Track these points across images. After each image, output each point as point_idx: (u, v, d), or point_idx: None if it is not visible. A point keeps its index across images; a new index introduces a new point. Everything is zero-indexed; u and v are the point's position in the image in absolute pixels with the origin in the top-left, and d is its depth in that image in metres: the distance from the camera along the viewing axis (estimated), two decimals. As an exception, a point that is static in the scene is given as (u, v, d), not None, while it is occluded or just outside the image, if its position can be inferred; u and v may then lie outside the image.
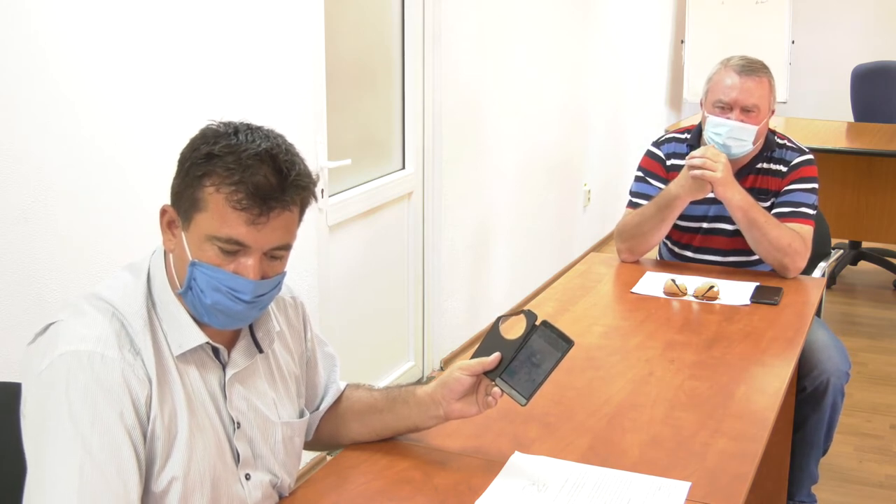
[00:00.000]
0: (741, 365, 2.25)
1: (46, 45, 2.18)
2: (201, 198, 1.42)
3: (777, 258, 2.77)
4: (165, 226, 1.49)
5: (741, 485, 1.69)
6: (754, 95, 2.78)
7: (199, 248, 1.44)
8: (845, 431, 3.46)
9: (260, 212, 1.41)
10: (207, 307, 1.46)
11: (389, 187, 3.75)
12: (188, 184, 1.43)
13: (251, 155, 1.41)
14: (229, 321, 1.49)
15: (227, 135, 1.44)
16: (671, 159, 2.96)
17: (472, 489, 1.65)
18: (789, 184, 2.85)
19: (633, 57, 6.57)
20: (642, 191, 2.95)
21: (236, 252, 1.44)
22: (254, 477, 1.58)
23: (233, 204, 1.40)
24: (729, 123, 2.77)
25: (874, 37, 7.50)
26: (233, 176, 1.40)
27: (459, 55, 4.08)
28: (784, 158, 2.88)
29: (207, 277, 1.44)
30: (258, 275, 1.45)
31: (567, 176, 5.54)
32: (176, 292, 1.49)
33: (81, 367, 1.38)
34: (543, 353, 1.65)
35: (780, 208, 2.83)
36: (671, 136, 3.02)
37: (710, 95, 2.84)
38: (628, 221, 2.92)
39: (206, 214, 1.42)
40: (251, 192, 1.40)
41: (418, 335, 4.09)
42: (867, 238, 5.28)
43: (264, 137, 1.46)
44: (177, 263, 1.49)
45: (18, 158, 2.13)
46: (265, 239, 1.44)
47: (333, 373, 1.82)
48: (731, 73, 2.79)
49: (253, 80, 2.84)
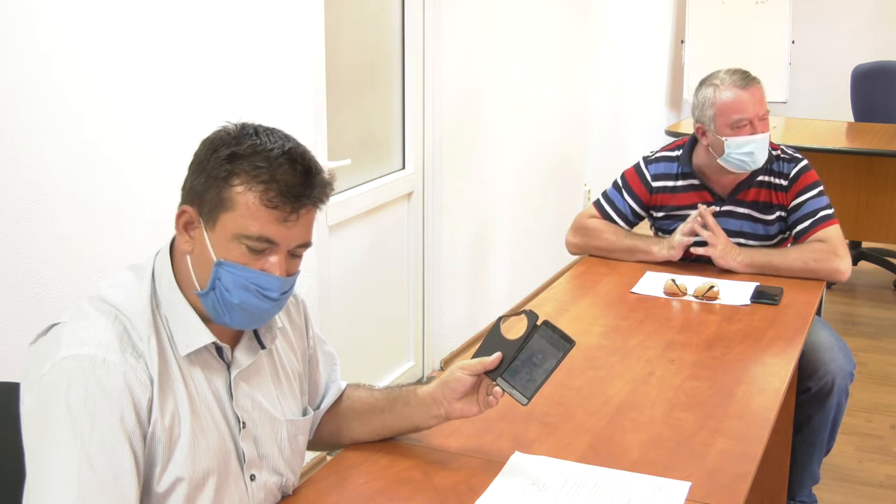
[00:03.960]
0: (741, 365, 2.25)
1: (46, 46, 2.18)
2: (228, 197, 1.43)
3: (811, 277, 2.79)
4: (182, 227, 1.49)
5: (741, 485, 1.69)
6: (764, 101, 2.83)
7: (225, 248, 1.45)
8: (845, 431, 3.45)
9: (292, 209, 1.43)
10: (233, 306, 1.46)
11: (389, 187, 3.75)
12: (212, 184, 1.44)
13: (279, 154, 1.43)
14: (251, 320, 1.50)
15: (248, 135, 1.45)
16: (658, 181, 2.96)
17: (472, 489, 1.65)
18: (796, 196, 2.85)
19: (633, 57, 6.57)
20: (613, 199, 3.00)
21: (263, 250, 1.45)
22: (258, 477, 1.58)
23: (265, 202, 1.42)
24: (758, 138, 2.77)
25: (874, 37, 7.50)
26: (263, 175, 1.41)
27: (459, 55, 4.08)
28: (783, 171, 2.87)
29: (235, 276, 1.44)
30: (284, 272, 1.47)
31: (567, 176, 5.54)
32: (191, 292, 1.49)
33: (83, 371, 1.38)
34: (544, 354, 1.65)
35: (802, 223, 2.83)
36: (662, 154, 3.00)
37: (722, 118, 2.79)
38: (595, 231, 2.98)
39: (235, 213, 1.43)
40: (283, 190, 1.42)
41: (418, 335, 4.09)
42: (867, 238, 5.28)
43: (284, 137, 1.47)
44: (196, 264, 1.48)
45: (18, 158, 2.13)
46: (294, 236, 1.46)
47: (334, 372, 1.82)
48: (736, 90, 2.78)
49: (253, 81, 2.84)
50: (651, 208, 2.99)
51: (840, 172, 4.89)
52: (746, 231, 2.89)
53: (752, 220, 2.89)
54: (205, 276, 1.47)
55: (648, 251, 2.87)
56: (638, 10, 6.62)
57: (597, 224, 2.98)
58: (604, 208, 3.00)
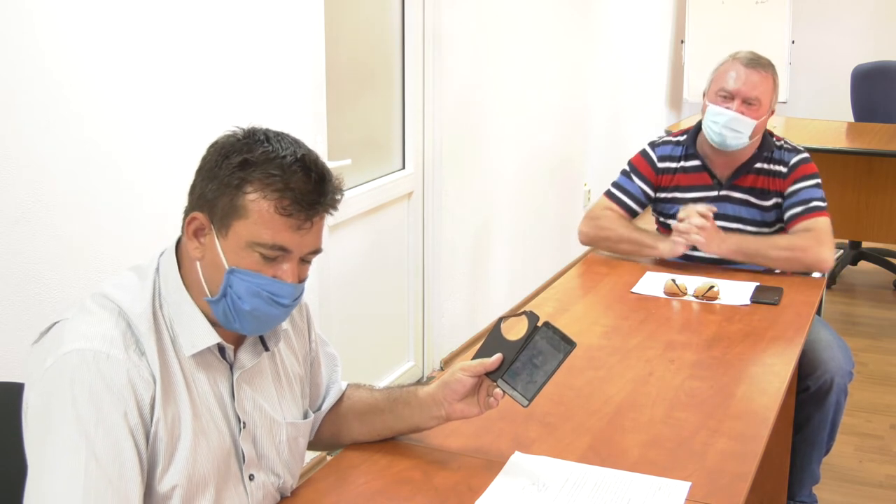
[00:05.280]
0: (741, 365, 2.25)
1: (46, 46, 2.18)
2: (242, 205, 1.42)
3: (795, 267, 2.81)
4: (192, 234, 1.48)
5: (741, 485, 1.69)
6: (757, 88, 2.82)
7: (238, 255, 1.44)
8: (845, 431, 3.46)
9: (306, 217, 1.43)
10: (245, 313, 1.45)
11: (389, 187, 3.75)
12: (223, 192, 1.43)
13: (292, 161, 1.42)
14: (261, 326, 1.50)
15: (259, 141, 1.44)
16: (664, 162, 3.00)
17: (472, 489, 1.65)
18: (793, 183, 2.88)
19: (633, 57, 6.57)
20: (624, 185, 3.04)
21: (276, 258, 1.45)
22: (257, 477, 1.58)
23: (279, 210, 1.41)
24: (728, 113, 2.82)
25: (874, 37, 7.50)
26: (277, 183, 1.41)
27: (459, 55, 4.08)
28: (783, 159, 2.90)
29: (247, 284, 1.44)
30: (297, 279, 1.47)
31: (567, 176, 5.54)
32: (201, 297, 1.48)
33: (87, 365, 1.38)
34: (545, 355, 1.65)
35: (793, 209, 2.86)
36: (667, 138, 3.07)
37: (714, 85, 2.89)
38: (605, 220, 3.00)
39: (248, 221, 1.42)
40: (297, 199, 1.41)
41: (418, 335, 4.09)
42: (867, 238, 5.28)
43: (294, 143, 1.46)
44: (207, 271, 1.47)
45: (18, 159, 2.13)
46: (307, 244, 1.46)
47: (335, 373, 1.82)
48: (738, 65, 2.85)
49: (253, 81, 2.84)
50: (658, 189, 3.01)
51: (840, 172, 4.89)
52: (744, 216, 2.91)
53: (749, 206, 2.91)
54: (216, 283, 1.46)
55: (654, 247, 2.89)
56: (638, 10, 6.62)
57: (608, 215, 3.01)
58: (616, 196, 3.03)
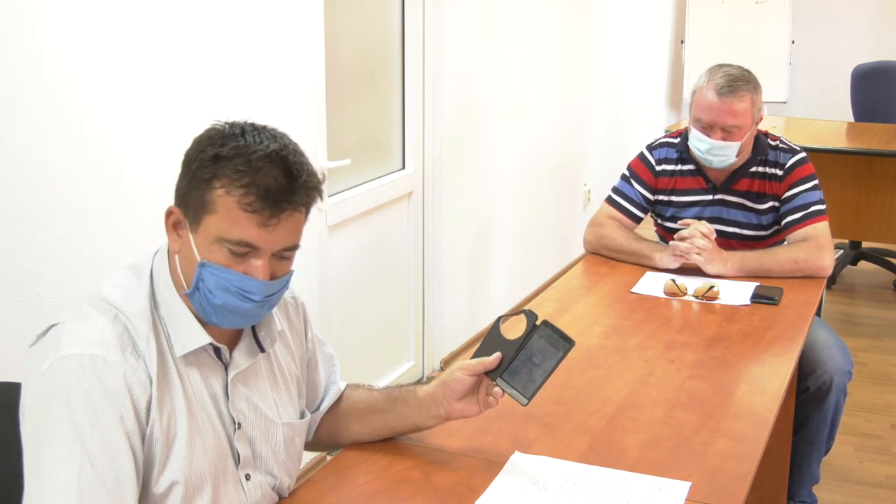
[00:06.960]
0: (741, 365, 2.25)
1: (46, 46, 2.18)
2: (210, 200, 1.42)
3: (797, 275, 2.79)
4: (171, 227, 1.49)
5: (741, 485, 1.69)
6: (735, 117, 2.78)
7: (208, 250, 1.44)
8: (845, 431, 3.46)
9: (271, 214, 1.41)
10: (217, 307, 1.45)
11: (389, 187, 3.75)
12: (196, 186, 1.43)
13: (261, 157, 1.41)
14: (239, 320, 1.49)
15: (233, 136, 1.44)
16: (661, 165, 3.00)
17: (472, 489, 1.65)
18: (790, 187, 2.86)
19: (633, 57, 6.57)
20: (624, 190, 3.03)
21: (246, 253, 1.44)
22: (254, 477, 1.58)
23: (244, 206, 1.40)
24: (708, 141, 2.81)
25: (874, 37, 7.50)
26: (243, 178, 1.40)
27: (459, 55, 4.08)
28: (778, 161, 2.89)
29: (217, 278, 1.44)
30: (267, 275, 1.45)
31: (567, 176, 5.54)
32: (182, 292, 1.49)
33: (83, 369, 1.38)
34: (544, 353, 1.65)
35: (791, 215, 2.84)
36: (664, 140, 3.06)
37: (693, 110, 2.87)
38: (607, 230, 2.98)
39: (216, 217, 1.42)
40: (262, 195, 1.40)
41: (418, 335, 4.09)
42: (867, 238, 5.28)
43: (271, 138, 1.45)
44: (184, 264, 1.48)
45: (18, 158, 2.13)
46: (275, 240, 1.44)
47: (333, 373, 1.82)
48: (712, 93, 2.78)
49: (253, 81, 2.84)
50: (656, 191, 3.01)
51: (840, 172, 4.89)
52: (740, 220, 2.91)
53: (744, 210, 2.90)
54: (190, 276, 1.47)
55: (651, 258, 2.87)
56: (638, 10, 6.62)
57: (610, 224, 3.01)
58: (616, 202, 3.03)
